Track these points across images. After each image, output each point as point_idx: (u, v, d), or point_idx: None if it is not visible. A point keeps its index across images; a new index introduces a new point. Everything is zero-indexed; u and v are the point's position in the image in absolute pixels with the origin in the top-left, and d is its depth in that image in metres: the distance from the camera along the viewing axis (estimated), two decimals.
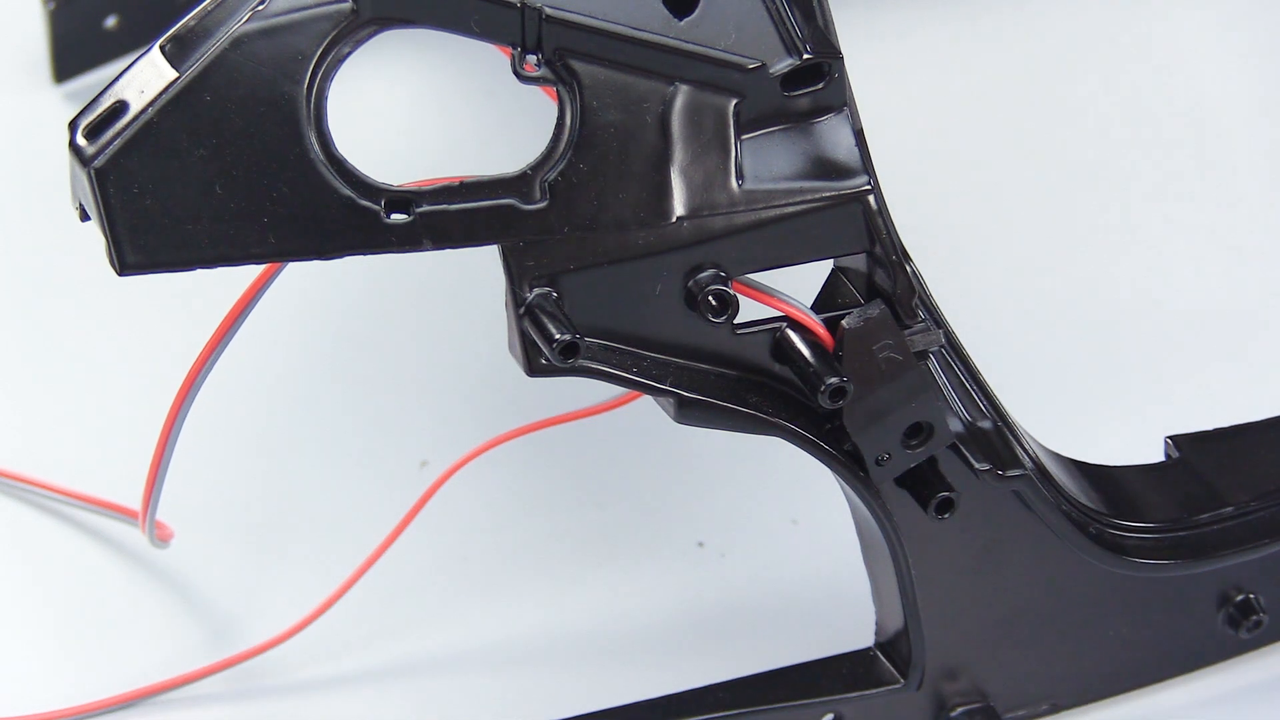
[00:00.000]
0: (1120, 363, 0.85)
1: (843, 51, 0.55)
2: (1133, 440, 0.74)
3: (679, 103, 0.53)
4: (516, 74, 0.52)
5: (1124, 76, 0.99)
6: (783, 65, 0.54)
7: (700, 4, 0.53)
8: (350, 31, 0.51)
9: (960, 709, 0.66)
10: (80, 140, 0.51)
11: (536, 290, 0.54)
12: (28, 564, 0.77)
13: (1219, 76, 0.99)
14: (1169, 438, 0.70)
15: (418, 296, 0.88)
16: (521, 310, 0.54)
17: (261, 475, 0.79)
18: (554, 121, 0.53)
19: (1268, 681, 0.71)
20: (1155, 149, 0.95)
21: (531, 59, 0.52)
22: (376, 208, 0.52)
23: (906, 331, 0.57)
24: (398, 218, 0.52)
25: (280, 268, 0.54)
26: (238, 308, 0.55)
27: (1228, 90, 0.98)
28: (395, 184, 0.52)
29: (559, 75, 0.52)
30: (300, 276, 0.55)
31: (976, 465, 0.60)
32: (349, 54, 0.51)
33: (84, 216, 0.52)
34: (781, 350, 0.57)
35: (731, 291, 0.55)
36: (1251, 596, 0.68)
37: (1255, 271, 0.89)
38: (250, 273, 0.54)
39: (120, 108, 0.51)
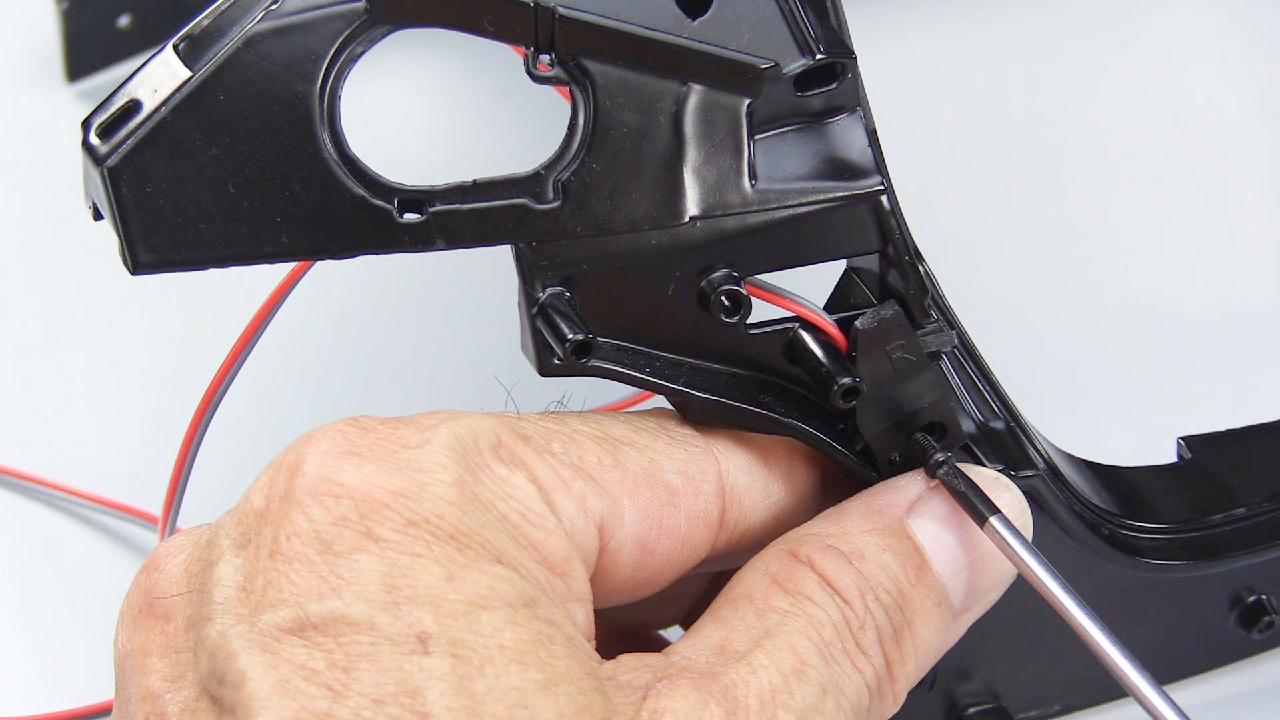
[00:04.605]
0: (1132, 363, 0.85)
1: (856, 51, 0.55)
2: (1145, 441, 0.74)
3: (692, 102, 0.53)
4: (530, 74, 0.52)
5: (1139, 77, 0.99)
6: (796, 65, 0.54)
7: (713, 4, 0.53)
8: (363, 31, 0.51)
9: (972, 709, 0.66)
10: (93, 139, 0.51)
11: (550, 290, 0.54)
12: (42, 565, 0.77)
13: (1235, 76, 0.98)
14: (1181, 438, 0.70)
15: (428, 297, 0.88)
16: (534, 310, 0.54)
17: None
18: (567, 121, 0.53)
19: None
20: (1170, 149, 0.95)
21: (545, 59, 0.52)
22: (389, 207, 0.52)
23: (919, 332, 0.57)
24: (410, 217, 0.52)
25: (304, 272, 0.54)
26: (259, 317, 0.55)
27: (1238, 91, 0.98)
28: (409, 183, 0.52)
29: (572, 75, 0.52)
30: (311, 277, 0.55)
31: (989, 466, 0.60)
32: (362, 53, 0.51)
33: (97, 216, 0.52)
34: (794, 350, 0.57)
35: (744, 291, 0.55)
36: (1264, 598, 0.67)
37: (1270, 271, 0.89)
38: (263, 274, 0.54)
39: (133, 107, 0.51)
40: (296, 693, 0.46)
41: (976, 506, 0.56)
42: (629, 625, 0.63)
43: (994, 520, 0.55)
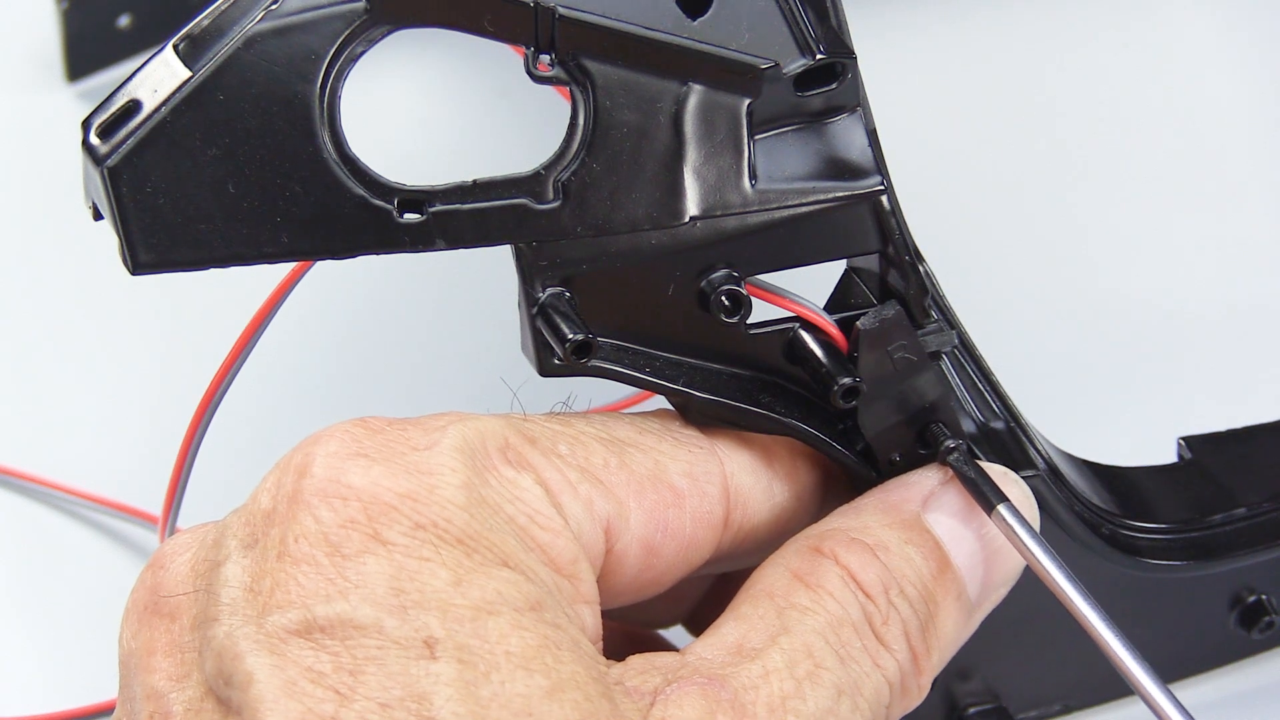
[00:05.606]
0: (1133, 363, 0.84)
1: (856, 51, 0.55)
2: (1145, 441, 0.74)
3: (692, 102, 0.53)
4: (530, 74, 0.52)
5: (1139, 77, 0.99)
6: (796, 65, 0.54)
7: (713, 4, 0.53)
8: (363, 31, 0.51)
9: (972, 710, 0.66)
10: (93, 139, 0.51)
11: (550, 290, 0.54)
12: (42, 565, 0.77)
13: (1235, 76, 0.98)
14: (1181, 438, 0.70)
15: (428, 297, 0.88)
16: (534, 310, 0.54)
17: None
18: (567, 121, 0.53)
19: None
20: (1170, 150, 0.95)
21: (545, 59, 0.52)
22: (389, 207, 0.52)
23: (920, 332, 0.57)
24: (410, 217, 0.52)
25: (304, 272, 0.54)
26: (259, 317, 0.55)
27: (1238, 91, 0.98)
28: (408, 183, 0.52)
29: (572, 75, 0.52)
30: (311, 277, 0.55)
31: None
32: (362, 53, 0.51)
33: (97, 216, 0.52)
34: (794, 350, 0.57)
35: (744, 291, 0.55)
36: (1264, 598, 0.67)
37: (1270, 271, 0.89)
38: (263, 274, 0.54)
39: (133, 107, 0.51)
40: (303, 695, 0.46)
41: (985, 494, 0.56)
42: (632, 625, 0.63)
43: (1002, 508, 0.55)
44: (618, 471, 0.53)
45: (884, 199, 0.56)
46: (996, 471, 0.58)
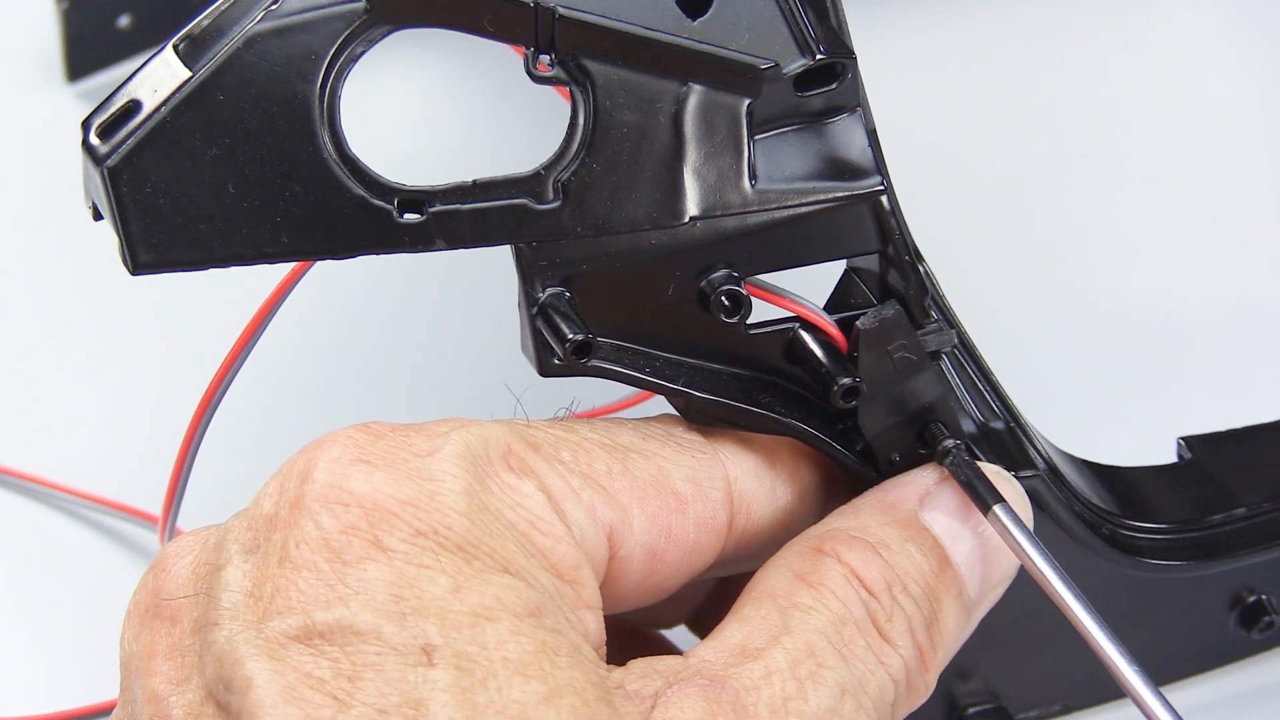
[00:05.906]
0: (1132, 363, 0.84)
1: (856, 51, 0.55)
2: (1145, 441, 0.74)
3: (692, 102, 0.53)
4: (530, 74, 0.52)
5: (1139, 77, 0.99)
6: (796, 65, 0.54)
7: (713, 4, 0.53)
8: (363, 31, 0.51)
9: (972, 710, 0.66)
10: (93, 139, 0.51)
11: (550, 290, 0.54)
12: (42, 565, 0.77)
13: (1235, 76, 0.98)
14: (1181, 438, 0.70)
15: (428, 297, 0.88)
16: (534, 310, 0.54)
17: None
18: (567, 121, 0.53)
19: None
20: (1170, 150, 0.95)
21: (545, 59, 0.52)
22: (389, 207, 0.52)
23: (920, 332, 0.57)
24: (410, 217, 0.52)
25: (304, 272, 0.54)
26: (259, 317, 0.55)
27: (1238, 91, 0.98)
28: (408, 183, 0.52)
29: (572, 75, 0.52)
30: (311, 277, 0.55)
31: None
32: (362, 53, 0.51)
33: (97, 216, 0.52)
34: (794, 350, 0.57)
35: (744, 291, 0.55)
36: (1264, 598, 0.67)
37: (1270, 271, 0.89)
38: (263, 274, 0.54)
39: (133, 107, 0.51)
40: (302, 700, 0.46)
41: (981, 494, 0.56)
42: (635, 626, 0.63)
43: (998, 509, 0.55)
44: (621, 477, 0.53)
45: (884, 199, 0.56)
46: (992, 471, 0.58)
